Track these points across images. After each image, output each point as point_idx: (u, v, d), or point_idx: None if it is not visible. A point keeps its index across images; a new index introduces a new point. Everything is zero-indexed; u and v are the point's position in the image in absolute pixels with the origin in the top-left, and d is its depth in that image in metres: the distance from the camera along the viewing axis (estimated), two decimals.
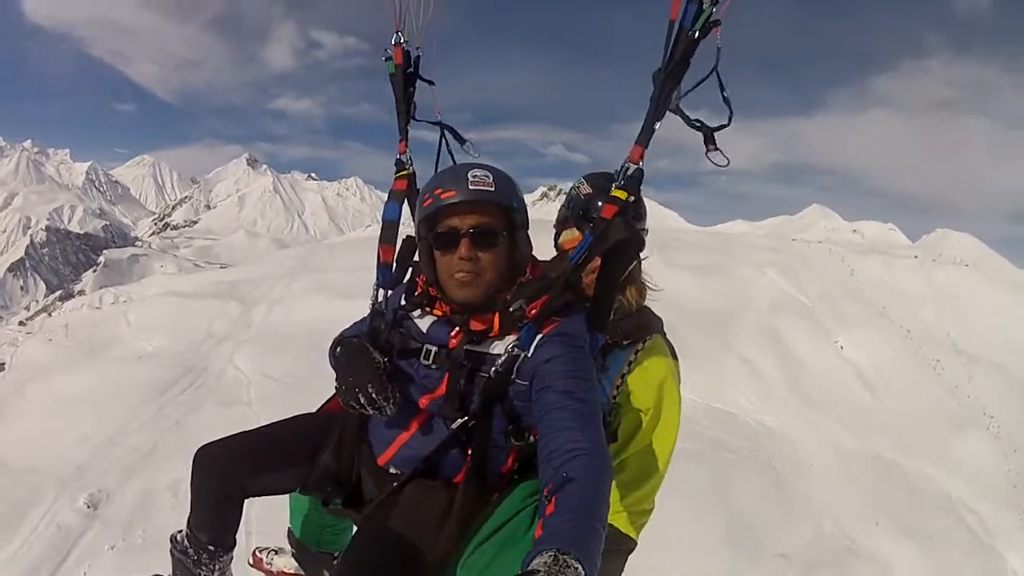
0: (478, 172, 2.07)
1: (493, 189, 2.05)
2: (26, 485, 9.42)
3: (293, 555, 2.82)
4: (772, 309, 26.25)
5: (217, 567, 2.49)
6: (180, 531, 2.52)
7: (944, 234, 55.69)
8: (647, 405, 2.49)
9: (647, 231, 2.56)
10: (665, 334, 2.65)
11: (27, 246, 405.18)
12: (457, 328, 2.10)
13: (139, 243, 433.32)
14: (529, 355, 2.00)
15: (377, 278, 2.37)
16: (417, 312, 2.21)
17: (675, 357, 2.64)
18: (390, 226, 2.46)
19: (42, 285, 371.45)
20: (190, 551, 2.47)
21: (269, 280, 22.44)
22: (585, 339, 2.07)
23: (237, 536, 2.52)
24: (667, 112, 2.13)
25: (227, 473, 2.32)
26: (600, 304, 2.20)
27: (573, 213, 2.59)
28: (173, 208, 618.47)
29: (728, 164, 2.12)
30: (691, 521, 10.90)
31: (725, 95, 2.11)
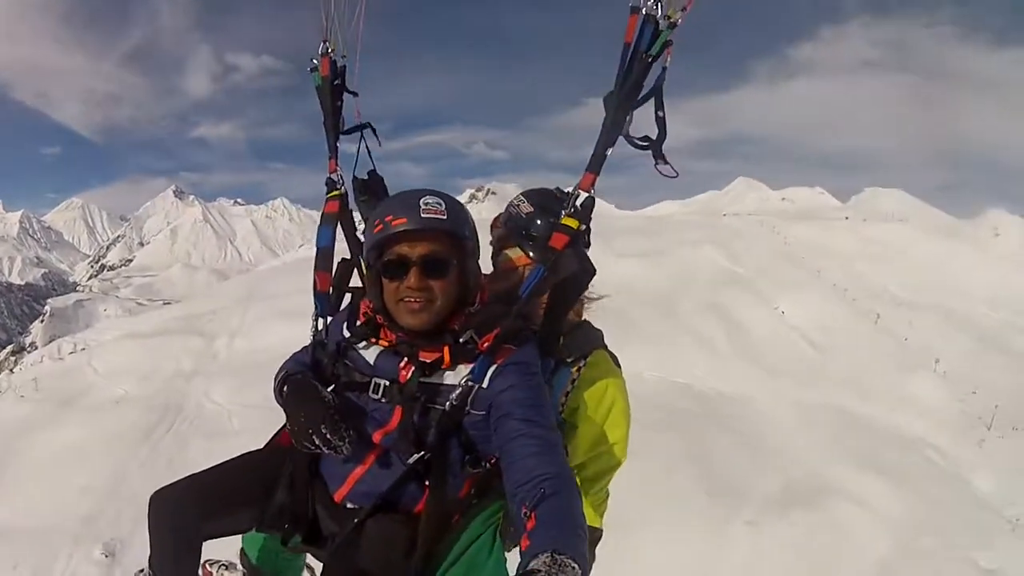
0: (430, 200, 1.99)
1: (445, 217, 1.98)
2: (39, 546, 8.58)
3: (243, 575, 2.76)
4: (713, 283, 27.63)
5: None
6: (143, 570, 2.43)
7: (874, 192, 61.11)
8: (598, 418, 2.46)
9: (589, 245, 2.43)
10: (606, 346, 2.57)
11: None
12: (406, 359, 2.05)
13: (79, 288, 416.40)
14: (484, 386, 1.98)
15: (316, 307, 2.35)
16: (363, 343, 2.13)
17: (618, 366, 2.59)
18: (325, 253, 2.45)
19: None
20: None
21: (223, 312, 21.96)
22: (538, 366, 2.07)
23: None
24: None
25: (179, 518, 2.22)
26: (550, 333, 2.23)
27: (514, 232, 2.47)
28: (107, 248, 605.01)
29: (677, 176, 2.11)
30: (673, 482, 11.61)
31: (660, 115, 2.10)
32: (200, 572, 2.44)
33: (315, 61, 2.71)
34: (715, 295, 25.72)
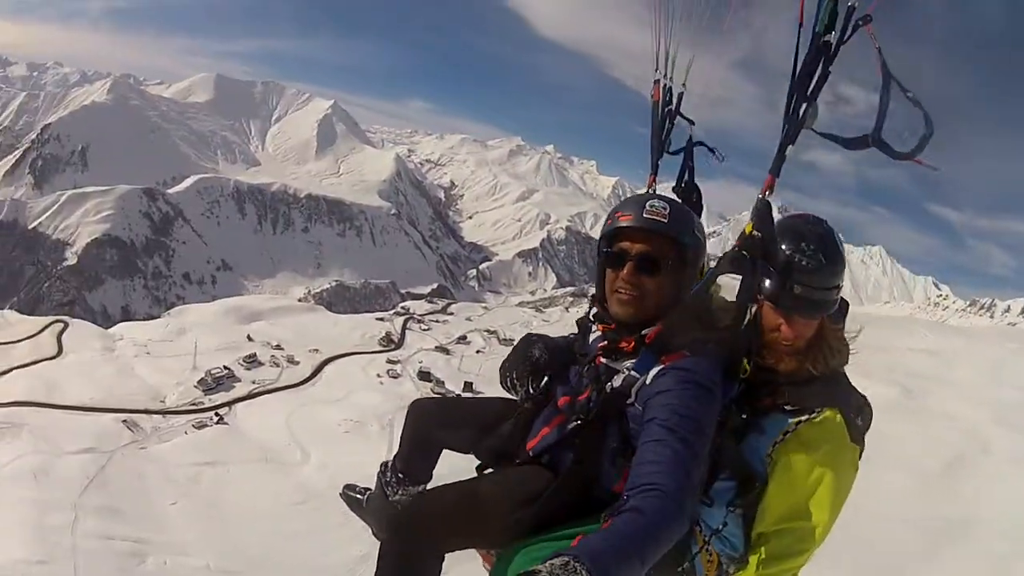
0: (656, 203, 2.19)
1: (666, 221, 2.16)
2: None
3: None
4: None
5: (401, 492, 2.89)
6: (387, 461, 3.00)
7: None
8: (797, 487, 2.18)
9: (838, 288, 2.29)
10: (848, 410, 2.25)
11: (543, 239, 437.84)
12: (606, 343, 2.29)
13: None
14: (647, 382, 2.10)
15: (595, 293, 2.52)
16: (593, 326, 2.46)
17: (856, 441, 2.25)
18: None
19: (553, 277, 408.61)
20: (387, 473, 2.95)
21: None
22: (713, 381, 2.06)
23: (432, 475, 2.93)
24: (811, 133, 2.04)
25: (424, 422, 2.78)
26: (732, 350, 2.17)
27: None
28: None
29: (938, 169, 1.92)
30: None
31: (909, 95, 1.91)
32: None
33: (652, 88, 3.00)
34: None
